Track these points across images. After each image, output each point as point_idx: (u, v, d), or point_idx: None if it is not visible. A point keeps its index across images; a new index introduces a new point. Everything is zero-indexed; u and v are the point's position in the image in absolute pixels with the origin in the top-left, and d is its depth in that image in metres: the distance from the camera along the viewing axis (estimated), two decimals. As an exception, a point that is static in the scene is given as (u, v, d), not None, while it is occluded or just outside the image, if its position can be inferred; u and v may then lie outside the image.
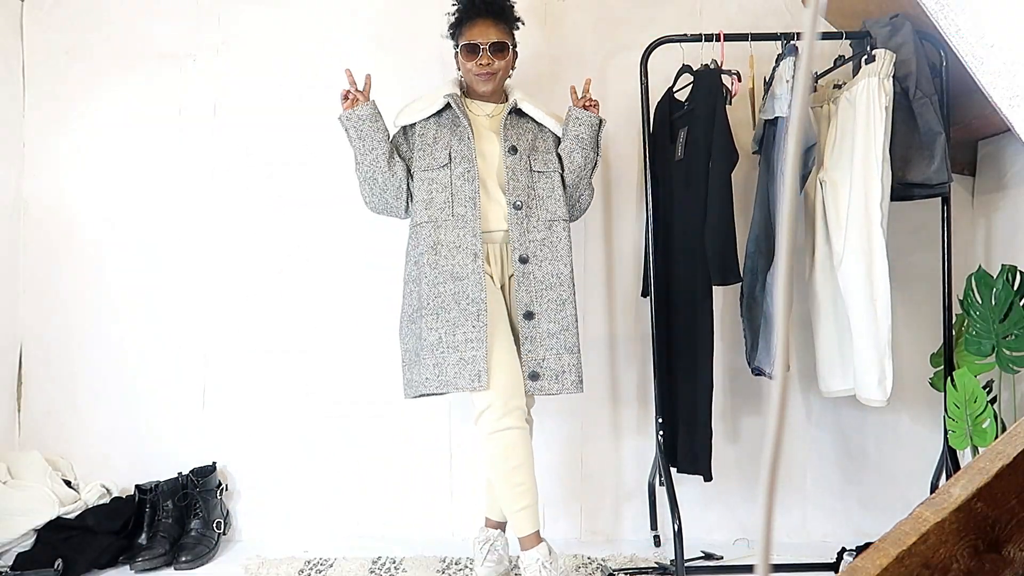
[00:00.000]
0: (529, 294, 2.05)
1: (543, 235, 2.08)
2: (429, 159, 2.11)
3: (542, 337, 2.03)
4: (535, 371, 2.02)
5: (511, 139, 2.11)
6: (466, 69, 2.13)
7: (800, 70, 0.54)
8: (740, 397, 2.62)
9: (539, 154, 2.15)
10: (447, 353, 1.98)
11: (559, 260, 2.08)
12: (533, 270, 2.06)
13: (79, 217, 2.63)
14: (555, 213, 2.11)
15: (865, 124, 2.09)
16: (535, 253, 2.07)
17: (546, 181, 2.13)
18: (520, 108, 2.16)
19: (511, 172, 2.08)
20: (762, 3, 2.64)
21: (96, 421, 2.61)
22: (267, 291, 2.62)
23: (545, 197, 2.12)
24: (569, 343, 2.05)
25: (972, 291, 2.21)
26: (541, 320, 2.04)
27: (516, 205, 2.07)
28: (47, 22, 2.64)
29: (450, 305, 2.00)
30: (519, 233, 2.06)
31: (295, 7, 2.64)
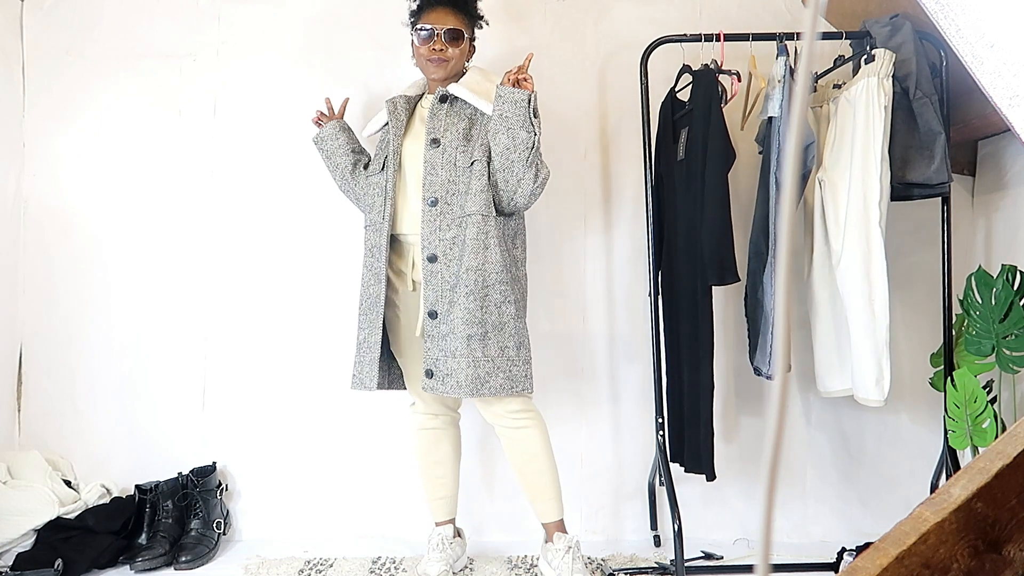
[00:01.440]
0: (435, 293, 2.00)
1: (453, 233, 2.00)
2: (375, 164, 2.18)
3: (438, 337, 2.00)
4: (430, 369, 2.01)
5: (436, 131, 2.05)
6: (419, 54, 2.12)
7: (800, 70, 0.54)
8: (740, 397, 2.62)
9: (470, 144, 2.04)
10: (366, 352, 2.11)
11: (461, 261, 1.98)
12: (441, 269, 2.00)
13: (79, 217, 2.63)
14: (468, 208, 1.99)
15: (864, 124, 2.09)
16: (445, 252, 2.00)
17: (467, 175, 2.02)
18: (453, 94, 2.07)
19: (429, 166, 2.03)
20: (762, 3, 2.64)
21: (96, 421, 2.61)
22: (267, 291, 2.62)
23: (463, 192, 2.01)
24: (452, 347, 1.96)
25: (972, 291, 2.20)
26: (442, 320, 2.00)
27: (431, 201, 2.01)
28: (47, 22, 2.64)
29: (372, 307, 2.10)
30: (430, 231, 2.00)
31: (295, 7, 2.64)
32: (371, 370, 2.08)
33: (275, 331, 2.62)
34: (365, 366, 2.11)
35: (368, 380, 2.09)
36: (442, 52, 2.07)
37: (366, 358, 2.11)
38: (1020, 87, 1.30)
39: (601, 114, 2.66)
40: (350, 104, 2.53)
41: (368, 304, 2.12)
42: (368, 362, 2.10)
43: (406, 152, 2.11)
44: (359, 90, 2.61)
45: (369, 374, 2.09)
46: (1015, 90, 1.31)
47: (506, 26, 2.64)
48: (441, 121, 2.06)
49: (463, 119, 2.07)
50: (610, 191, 2.66)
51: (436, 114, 2.07)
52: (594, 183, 2.65)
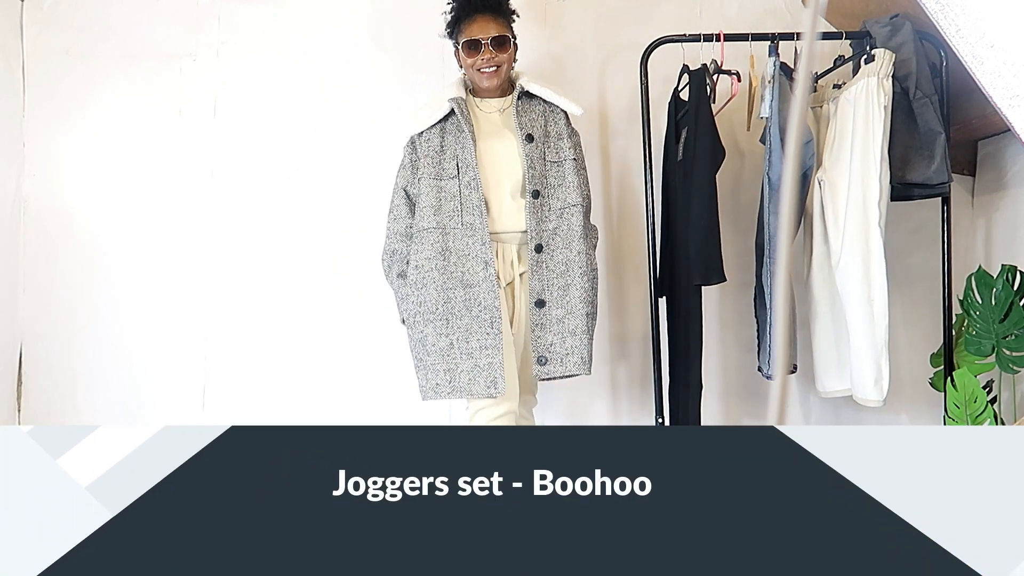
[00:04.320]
0: (541, 282, 2.06)
1: (555, 224, 2.09)
2: (437, 168, 2.11)
3: (551, 323, 2.06)
4: (543, 355, 2.05)
5: (526, 127, 2.11)
6: (468, 66, 2.11)
7: (800, 70, 0.54)
8: (740, 397, 2.62)
9: (551, 140, 2.14)
10: (460, 359, 2.00)
11: (569, 248, 2.08)
12: (546, 259, 2.07)
13: (79, 216, 2.63)
14: (566, 200, 2.10)
15: (864, 124, 2.09)
16: (548, 242, 2.08)
17: (558, 170, 2.12)
18: (528, 91, 2.14)
19: (529, 160, 2.08)
20: (762, 3, 2.64)
21: (96, 421, 2.60)
22: (268, 291, 2.62)
23: (557, 185, 2.11)
24: (573, 326, 2.06)
25: (972, 291, 2.20)
26: (552, 307, 2.06)
27: (534, 193, 2.07)
28: (47, 22, 2.64)
29: (461, 311, 2.02)
30: (535, 222, 2.07)
31: (295, 7, 2.64)
32: (493, 374, 1.97)
33: (275, 331, 2.62)
34: (474, 372, 1.98)
35: (487, 385, 1.97)
36: (493, 59, 2.08)
37: (463, 364, 1.99)
38: (1020, 87, 1.30)
39: (601, 114, 2.66)
40: (350, 104, 2.53)
41: (451, 308, 2.01)
42: (485, 367, 1.97)
43: (482, 152, 2.09)
44: (359, 90, 2.61)
45: (487, 378, 1.97)
46: (1015, 90, 1.31)
47: (506, 26, 2.64)
48: (527, 118, 2.13)
49: (540, 115, 2.16)
50: (610, 191, 2.66)
51: (522, 112, 2.12)
52: (594, 183, 2.64)
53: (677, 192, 2.30)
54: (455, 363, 2.00)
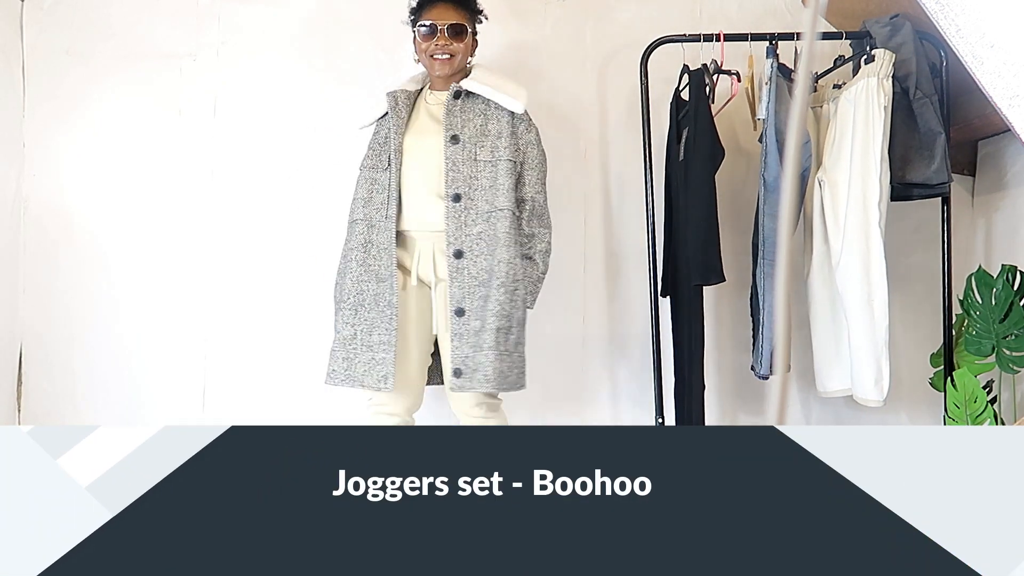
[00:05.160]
0: (461, 290, 1.99)
1: (480, 228, 2.00)
2: (375, 159, 2.12)
3: (468, 334, 1.98)
4: (458, 368, 1.98)
5: (454, 127, 2.04)
6: (422, 51, 2.10)
7: (800, 70, 0.54)
8: (740, 397, 2.62)
9: (488, 139, 2.05)
10: (360, 351, 2.03)
11: (492, 255, 1.98)
12: (468, 265, 1.99)
13: (79, 217, 2.63)
14: (498, 204, 2.00)
15: (864, 124, 2.09)
16: (471, 247, 1.99)
17: (490, 171, 2.02)
18: (468, 89, 2.06)
19: (451, 162, 2.02)
20: (762, 3, 2.64)
21: (96, 421, 2.60)
22: (268, 291, 2.62)
23: (487, 188, 2.01)
24: (482, 340, 1.96)
25: (972, 291, 2.20)
26: (470, 317, 1.98)
27: (455, 197, 2.01)
28: (47, 22, 2.64)
29: (370, 304, 2.04)
30: (455, 227, 1.99)
31: (295, 7, 2.64)
32: (384, 369, 2.00)
33: (275, 331, 2.62)
34: (370, 365, 2.03)
35: (378, 379, 2.00)
36: (446, 47, 2.06)
37: (361, 356, 2.03)
38: (1020, 87, 1.30)
39: (601, 114, 2.66)
40: (350, 104, 2.53)
41: (361, 299, 2.05)
42: (380, 361, 2.01)
43: (410, 147, 2.08)
44: (359, 90, 2.61)
45: (379, 372, 2.00)
46: (1015, 90, 1.31)
47: (506, 26, 2.64)
48: (458, 117, 2.06)
49: (478, 115, 2.08)
50: (610, 191, 2.66)
51: (452, 111, 2.06)
52: (594, 183, 2.65)
53: (678, 192, 2.30)
54: (355, 353, 2.03)
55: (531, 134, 2.11)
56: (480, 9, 2.17)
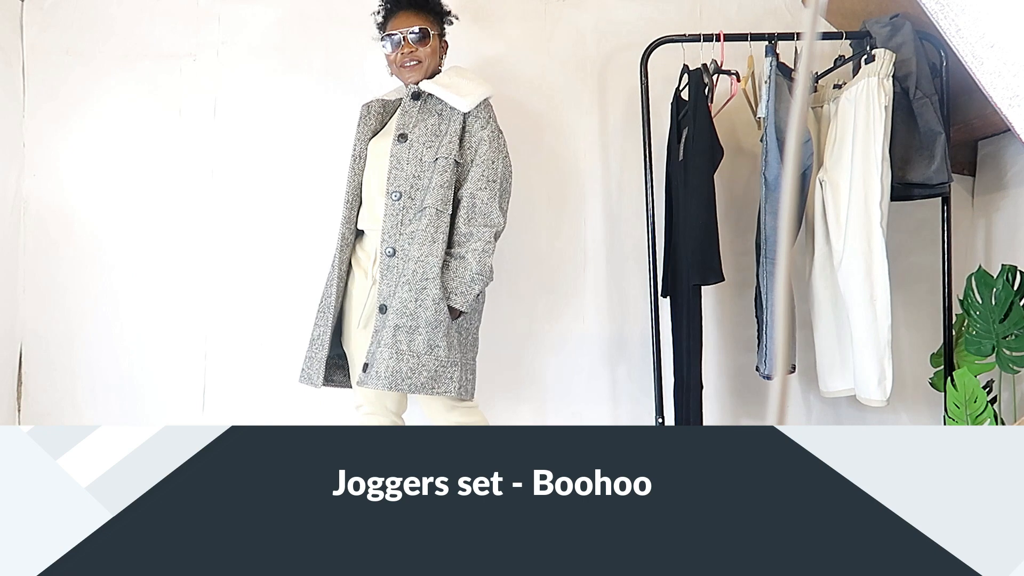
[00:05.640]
0: (389, 288, 1.98)
1: (414, 227, 1.99)
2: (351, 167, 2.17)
3: (383, 331, 1.96)
4: (367, 362, 1.98)
5: (404, 127, 2.06)
6: (391, 62, 2.14)
7: (800, 70, 0.54)
8: (740, 397, 2.62)
9: (439, 139, 2.04)
10: (318, 349, 2.09)
11: (414, 250, 1.96)
12: (399, 264, 1.99)
13: (79, 217, 2.63)
14: (424, 202, 1.99)
15: (865, 124, 2.09)
16: (403, 247, 1.99)
17: (431, 170, 2.01)
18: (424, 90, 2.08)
19: (395, 160, 2.03)
20: (762, 3, 2.64)
21: (96, 421, 2.60)
22: (268, 291, 2.62)
23: (426, 187, 2.01)
24: (381, 337, 1.95)
25: (972, 291, 2.20)
26: (390, 315, 1.96)
27: (395, 196, 2.01)
28: (47, 22, 2.64)
29: (329, 303, 2.10)
30: (391, 225, 2.00)
31: (295, 7, 2.64)
32: (319, 365, 2.07)
33: (275, 331, 2.62)
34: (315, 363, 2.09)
35: (317, 375, 2.07)
36: (412, 54, 2.08)
37: (318, 355, 2.09)
38: (1020, 87, 1.30)
39: (601, 114, 2.66)
40: (350, 104, 2.53)
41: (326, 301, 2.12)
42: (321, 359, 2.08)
43: (372, 150, 2.13)
44: (359, 90, 2.60)
45: (317, 368, 2.08)
46: (1015, 90, 1.31)
47: (506, 26, 2.64)
48: (411, 117, 2.07)
49: (433, 115, 2.08)
50: (610, 191, 2.66)
51: (407, 111, 2.09)
52: (594, 183, 2.65)
53: (679, 192, 2.30)
54: (315, 352, 2.10)
55: (484, 131, 2.04)
56: (447, 11, 2.18)
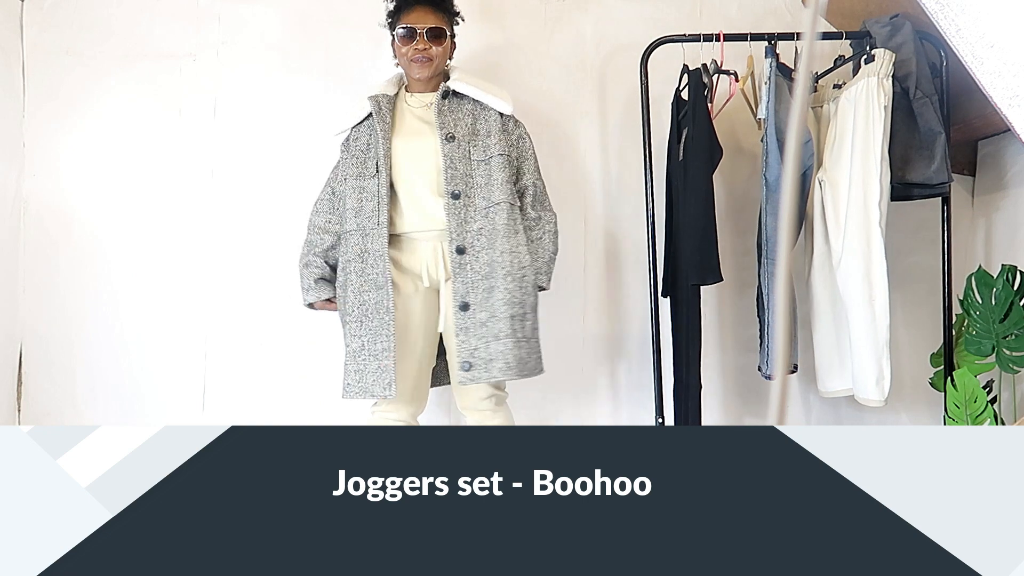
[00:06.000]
0: (465, 285, 2.01)
1: (479, 224, 2.03)
2: (360, 168, 2.12)
3: (475, 327, 2.01)
4: (467, 360, 2.01)
5: (447, 126, 2.07)
6: (401, 55, 2.12)
7: (800, 70, 0.54)
8: (740, 397, 2.62)
9: (479, 138, 2.09)
10: (368, 360, 2.03)
11: (493, 248, 2.02)
12: (470, 261, 2.02)
13: (79, 217, 2.63)
14: (495, 198, 2.05)
15: (864, 124, 2.09)
16: (472, 243, 2.03)
17: (484, 168, 2.07)
18: (455, 89, 2.10)
19: (448, 160, 2.04)
20: (762, 3, 2.64)
21: (96, 421, 2.60)
22: (268, 291, 2.62)
23: (483, 184, 2.06)
24: (496, 330, 2.00)
25: (972, 291, 2.21)
26: (475, 310, 2.00)
27: (454, 195, 2.03)
28: (47, 22, 2.64)
29: (372, 314, 2.04)
30: (456, 223, 2.02)
31: (295, 7, 2.64)
32: (387, 376, 2.01)
33: (275, 331, 2.62)
34: (378, 373, 2.03)
35: (384, 387, 2.01)
36: (426, 51, 2.08)
37: (371, 365, 2.03)
38: (1020, 87, 1.30)
39: (601, 114, 2.66)
40: (350, 104, 2.53)
41: (365, 310, 2.05)
42: (385, 369, 2.02)
43: (402, 150, 2.09)
44: (359, 90, 2.60)
45: (384, 380, 2.02)
46: (1015, 90, 1.31)
47: (506, 26, 2.64)
48: (449, 117, 2.09)
49: (468, 115, 2.11)
50: (610, 191, 2.66)
51: (444, 111, 2.09)
52: (594, 183, 2.65)
53: (678, 192, 2.30)
54: (364, 364, 2.03)
55: (520, 128, 2.17)
56: (457, 11, 2.19)
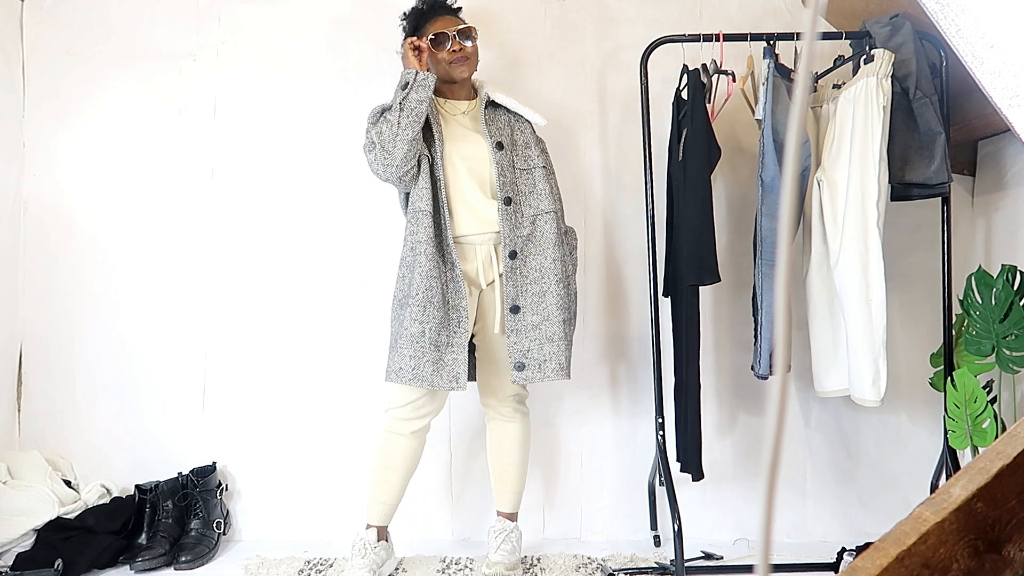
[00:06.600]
0: (516, 288, 2.11)
1: (528, 230, 2.13)
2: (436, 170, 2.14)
3: (527, 329, 2.09)
4: (521, 361, 2.09)
5: (495, 135, 2.17)
6: (438, 60, 2.17)
7: (800, 70, 0.54)
8: (739, 397, 2.62)
9: (519, 148, 2.21)
10: (428, 350, 2.02)
11: (543, 254, 2.12)
12: (520, 265, 2.12)
13: (79, 217, 2.63)
14: (539, 208, 2.15)
15: (863, 124, 2.09)
16: (522, 248, 2.12)
17: (527, 177, 2.18)
18: (494, 100, 2.22)
19: (500, 168, 2.13)
20: (762, 3, 2.64)
21: (96, 421, 2.61)
22: (267, 291, 2.62)
23: (528, 193, 2.16)
24: (550, 332, 2.09)
25: (972, 291, 2.20)
26: (526, 313, 2.10)
27: (506, 200, 2.12)
28: (47, 22, 2.64)
29: (439, 302, 2.04)
30: (509, 229, 2.11)
31: (295, 7, 2.64)
32: (458, 368, 2.04)
33: (275, 331, 2.62)
34: (440, 365, 2.03)
35: (451, 379, 2.03)
36: (462, 51, 2.16)
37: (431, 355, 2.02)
38: (1020, 87, 1.30)
39: (601, 114, 2.66)
40: (350, 104, 2.53)
41: (431, 296, 2.02)
42: (450, 362, 2.03)
43: (456, 155, 2.14)
44: (359, 90, 2.61)
45: (452, 372, 2.03)
46: (1015, 90, 1.31)
47: (506, 26, 2.64)
48: (495, 126, 2.19)
49: (506, 125, 2.22)
50: (610, 191, 2.66)
51: (490, 120, 2.19)
52: (594, 183, 2.65)
53: (678, 193, 2.30)
54: (422, 351, 2.02)
55: (543, 143, 2.29)
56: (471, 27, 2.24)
